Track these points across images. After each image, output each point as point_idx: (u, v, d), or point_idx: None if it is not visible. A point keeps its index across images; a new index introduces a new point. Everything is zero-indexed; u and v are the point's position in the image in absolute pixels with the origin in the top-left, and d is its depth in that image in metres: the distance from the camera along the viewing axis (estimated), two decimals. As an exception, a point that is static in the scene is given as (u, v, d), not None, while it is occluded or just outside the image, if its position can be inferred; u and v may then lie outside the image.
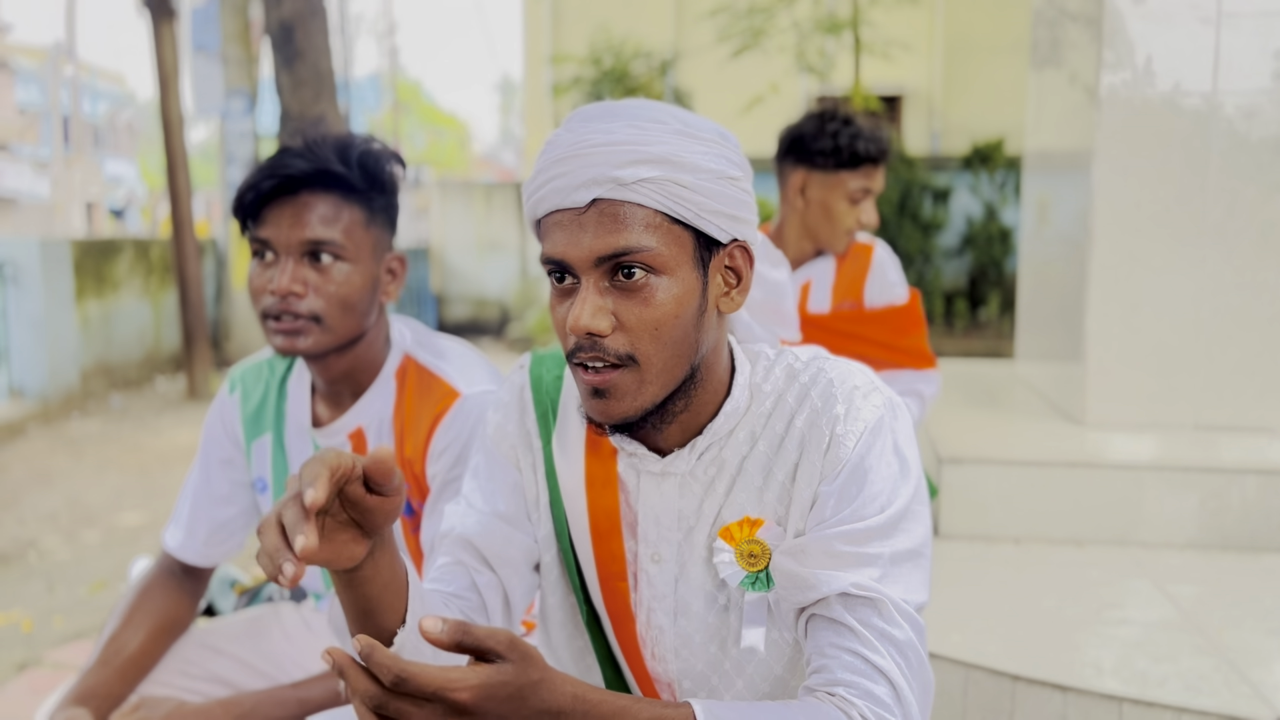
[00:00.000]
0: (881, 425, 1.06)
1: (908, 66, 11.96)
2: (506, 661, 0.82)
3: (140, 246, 9.22)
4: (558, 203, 1.00)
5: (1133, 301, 3.00)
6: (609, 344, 1.00)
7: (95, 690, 1.49)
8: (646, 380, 1.02)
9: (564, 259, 1.00)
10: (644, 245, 0.99)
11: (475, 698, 0.80)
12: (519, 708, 0.83)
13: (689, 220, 1.01)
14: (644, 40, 9.50)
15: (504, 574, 1.18)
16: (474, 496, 1.22)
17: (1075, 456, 2.66)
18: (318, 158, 1.44)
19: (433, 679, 0.79)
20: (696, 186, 1.00)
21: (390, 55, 30.31)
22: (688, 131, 1.03)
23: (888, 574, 1.00)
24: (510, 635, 0.82)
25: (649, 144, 0.99)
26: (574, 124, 1.04)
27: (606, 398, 1.02)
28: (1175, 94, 2.94)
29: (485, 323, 13.46)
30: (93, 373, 8.25)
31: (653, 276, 1.00)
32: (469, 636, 0.81)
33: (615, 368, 1.01)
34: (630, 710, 0.89)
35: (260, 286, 1.47)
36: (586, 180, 0.99)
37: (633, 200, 0.99)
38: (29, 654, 3.26)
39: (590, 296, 0.99)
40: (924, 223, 10.06)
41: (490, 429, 1.24)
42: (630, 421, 1.04)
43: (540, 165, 1.03)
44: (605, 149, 0.99)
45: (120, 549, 4.46)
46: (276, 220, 1.45)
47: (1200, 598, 2.23)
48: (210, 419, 1.71)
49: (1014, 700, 1.86)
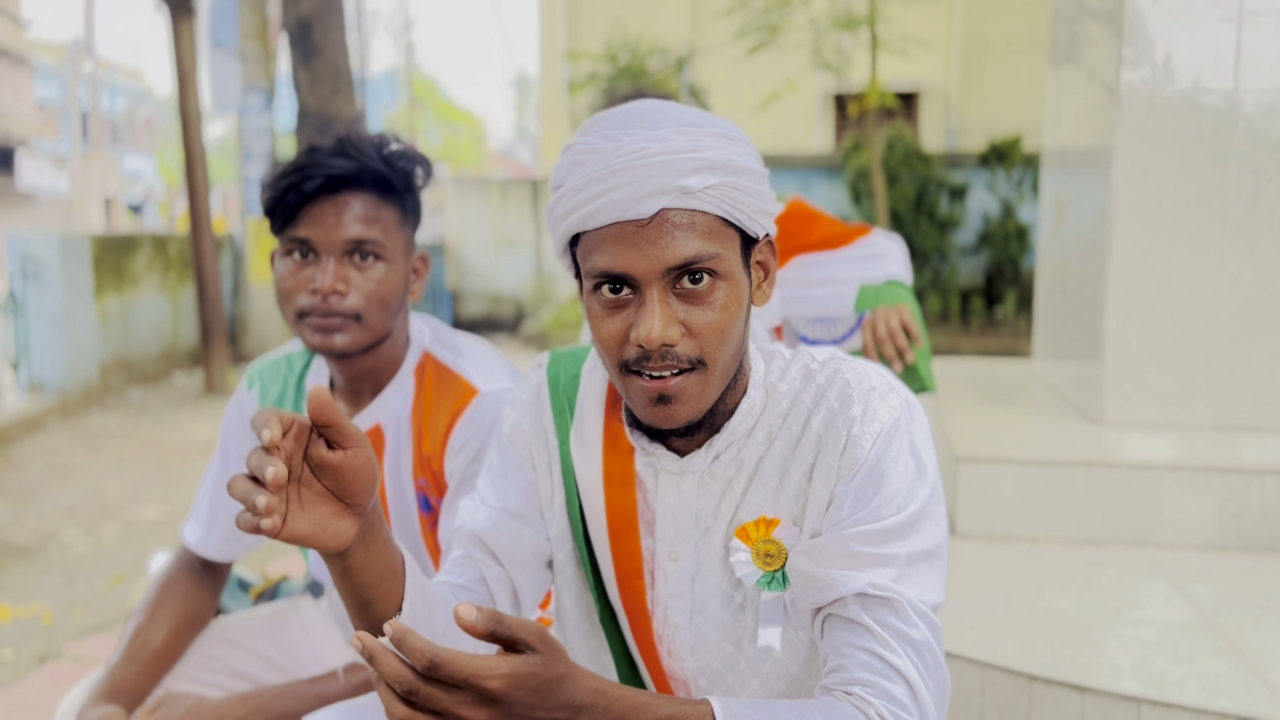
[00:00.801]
0: (898, 426, 1.06)
1: (925, 63, 11.92)
2: (536, 653, 0.83)
3: (158, 242, 9.27)
4: (618, 215, 0.99)
5: (1152, 300, 2.99)
6: (680, 350, 1.01)
7: (123, 685, 1.50)
8: (711, 381, 1.03)
9: (628, 272, 0.99)
10: (711, 252, 1.00)
11: (505, 686, 0.81)
12: (544, 699, 0.83)
13: (741, 222, 1.03)
14: (660, 37, 9.49)
15: (512, 569, 1.20)
16: (487, 492, 1.23)
17: (1093, 456, 2.65)
18: (360, 157, 1.45)
19: (465, 665, 0.79)
20: (746, 188, 1.02)
21: (406, 51, 30.39)
22: (724, 133, 1.04)
23: (904, 574, 1.01)
24: (540, 628, 0.83)
25: (704, 150, 1.00)
26: (610, 132, 1.02)
27: (672, 403, 1.02)
28: (1195, 92, 2.92)
29: (500, 319, 13.49)
30: (111, 368, 8.31)
31: (718, 281, 1.01)
32: (502, 626, 0.81)
33: (683, 373, 1.02)
34: (650, 706, 0.89)
35: (297, 285, 1.47)
36: (652, 190, 0.98)
37: (695, 208, 1.00)
38: (49, 646, 3.29)
39: (659, 308, 0.99)
40: (940, 220, 10.02)
41: (506, 426, 1.25)
42: (693, 424, 1.05)
43: (584, 178, 1.01)
44: (665, 158, 0.98)
45: (139, 543, 4.49)
46: (318, 220, 1.45)
47: (1219, 599, 2.22)
48: (229, 415, 1.72)
49: (1031, 700, 1.85)
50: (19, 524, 4.78)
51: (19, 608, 3.62)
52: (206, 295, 8.41)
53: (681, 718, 0.90)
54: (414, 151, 1.52)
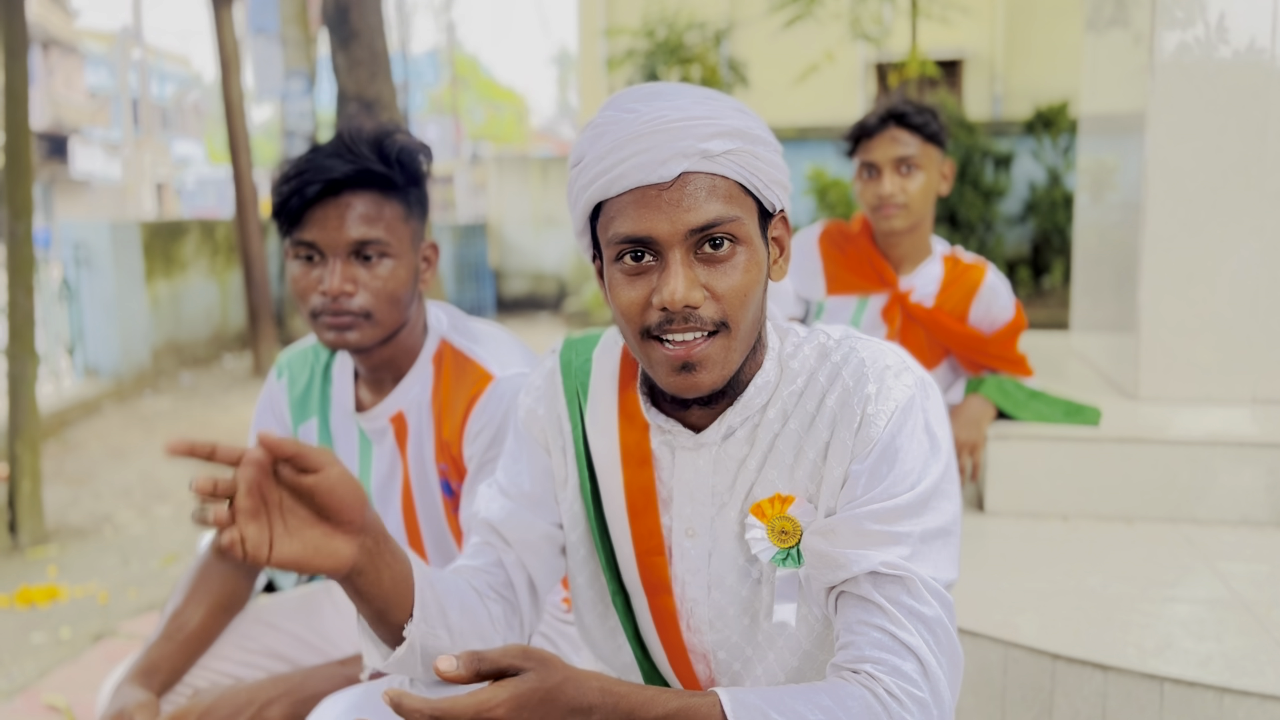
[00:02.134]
0: (913, 404, 1.07)
1: (968, 30, 11.69)
2: (528, 671, 0.85)
3: (206, 227, 9.43)
4: (640, 179, 1.01)
5: (1188, 271, 2.94)
6: (703, 313, 1.02)
7: (159, 664, 1.56)
8: (733, 347, 1.05)
9: (651, 235, 1.01)
10: (732, 215, 1.02)
11: (510, 710, 0.84)
12: (551, 710, 0.86)
13: (758, 190, 1.05)
14: (697, 11, 9.40)
15: (525, 557, 1.23)
16: (502, 477, 1.27)
17: (1126, 432, 2.62)
18: (357, 158, 1.47)
19: (467, 706, 0.83)
20: (764, 158, 1.05)
21: (448, 31, 30.46)
22: (740, 108, 1.06)
23: (917, 552, 1.02)
24: (521, 646, 0.87)
25: (723, 118, 1.02)
26: (631, 105, 1.04)
27: (695, 370, 1.04)
28: (1232, 58, 2.85)
29: (543, 297, 13.55)
30: (163, 351, 8.50)
31: (738, 246, 1.03)
32: (484, 663, 0.85)
33: (708, 336, 1.03)
34: (657, 699, 0.92)
35: (308, 287, 1.51)
36: (674, 154, 1.00)
37: (716, 172, 1.02)
38: (104, 625, 3.40)
39: (682, 270, 1.01)
40: (985, 189, 9.84)
41: (521, 412, 1.27)
42: (716, 392, 1.07)
43: (606, 146, 1.02)
44: (686, 123, 1.01)
45: (190, 523, 4.61)
46: (321, 223, 1.48)
47: (1251, 576, 2.20)
48: (260, 403, 1.77)
49: (1054, 679, 1.86)
50: (76, 506, 4.93)
51: (76, 587, 3.75)
52: (253, 278, 8.56)
53: (690, 710, 0.92)
54: (414, 143, 1.54)
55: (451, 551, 1.65)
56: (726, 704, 0.93)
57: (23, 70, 4.15)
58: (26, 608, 3.56)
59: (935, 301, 2.49)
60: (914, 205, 2.40)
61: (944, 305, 2.49)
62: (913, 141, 2.38)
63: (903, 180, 2.39)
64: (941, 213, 9.03)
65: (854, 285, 2.54)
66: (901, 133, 2.39)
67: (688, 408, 1.12)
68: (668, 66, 8.80)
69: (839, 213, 8.67)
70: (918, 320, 2.48)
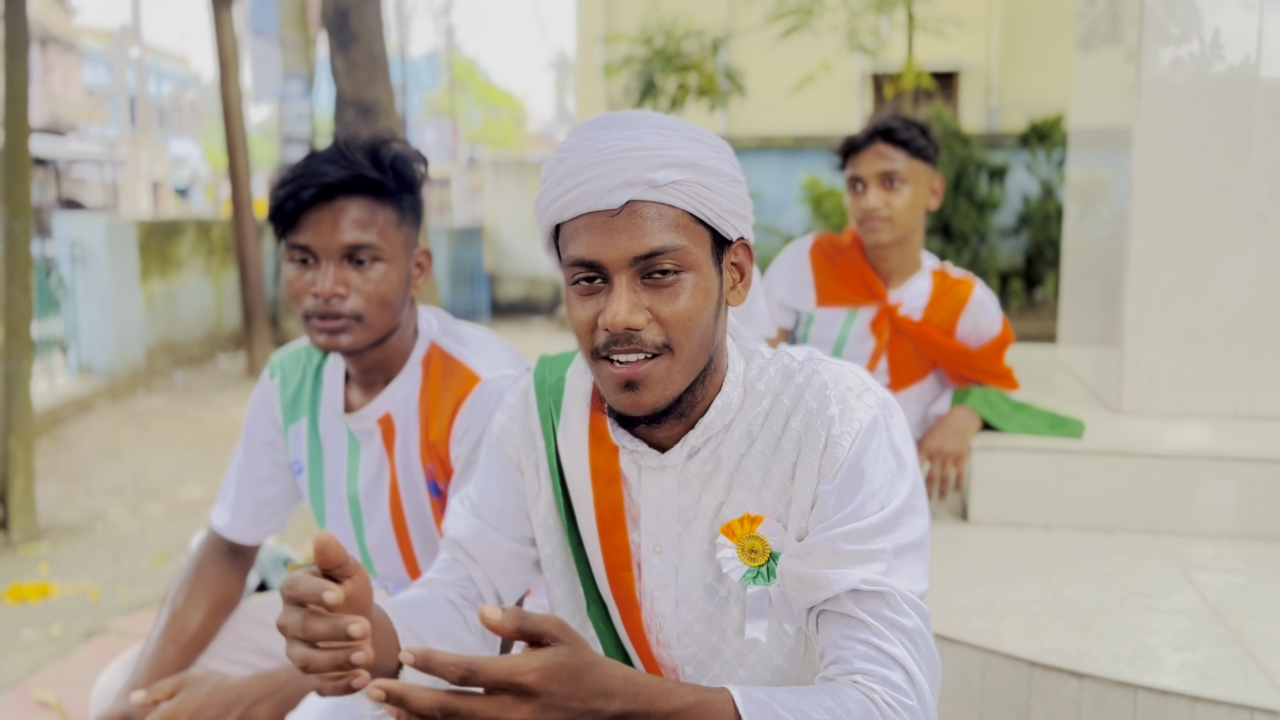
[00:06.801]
0: (876, 424, 1.10)
1: (964, 42, 11.76)
2: (562, 644, 0.87)
3: (202, 226, 9.45)
4: (590, 205, 1.05)
5: (1172, 288, 2.98)
6: (645, 336, 1.05)
7: (167, 670, 1.59)
8: (675, 370, 1.08)
9: (598, 259, 1.05)
10: (676, 244, 1.05)
11: (540, 679, 0.85)
12: (577, 689, 0.88)
13: (710, 219, 1.08)
14: (695, 19, 9.44)
15: (492, 574, 1.28)
16: (473, 491, 1.31)
17: (1108, 444, 2.65)
18: (352, 164, 1.51)
19: (500, 666, 0.84)
20: (716, 188, 1.07)
21: (446, 34, 30.50)
22: (698, 138, 1.09)
23: (892, 567, 1.06)
24: (561, 621, 0.88)
25: (674, 149, 1.05)
26: (591, 133, 1.08)
27: (638, 389, 1.07)
28: (1216, 78, 2.89)
29: (537, 302, 13.57)
30: (157, 350, 8.51)
31: (684, 273, 1.06)
32: (527, 622, 0.86)
33: (649, 359, 1.06)
34: (675, 692, 0.94)
35: (301, 289, 1.54)
36: (621, 183, 1.04)
37: (664, 201, 1.05)
38: (96, 622, 3.42)
39: (625, 294, 1.04)
40: (979, 201, 9.90)
41: (496, 429, 1.31)
42: (658, 411, 1.09)
43: (563, 172, 1.07)
44: (636, 153, 1.04)
45: (182, 522, 4.63)
46: (315, 226, 1.51)
47: (1227, 587, 2.24)
48: (253, 403, 1.80)
49: (1030, 686, 1.89)
50: (69, 503, 4.95)
51: (67, 585, 3.77)
52: (248, 279, 8.58)
53: (704, 703, 0.95)
54: (409, 150, 1.57)
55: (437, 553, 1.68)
56: (739, 700, 0.96)
57: (23, 68, 4.18)
58: (18, 604, 3.58)
59: (923, 315, 2.53)
60: (898, 219, 2.44)
61: (932, 319, 2.53)
62: (899, 157, 2.42)
63: (887, 195, 2.43)
64: (935, 224, 9.08)
65: (844, 297, 2.58)
66: (888, 148, 2.43)
67: (635, 426, 1.16)
68: (665, 74, 8.85)
69: (833, 222, 8.72)
70: (906, 333, 2.53)
